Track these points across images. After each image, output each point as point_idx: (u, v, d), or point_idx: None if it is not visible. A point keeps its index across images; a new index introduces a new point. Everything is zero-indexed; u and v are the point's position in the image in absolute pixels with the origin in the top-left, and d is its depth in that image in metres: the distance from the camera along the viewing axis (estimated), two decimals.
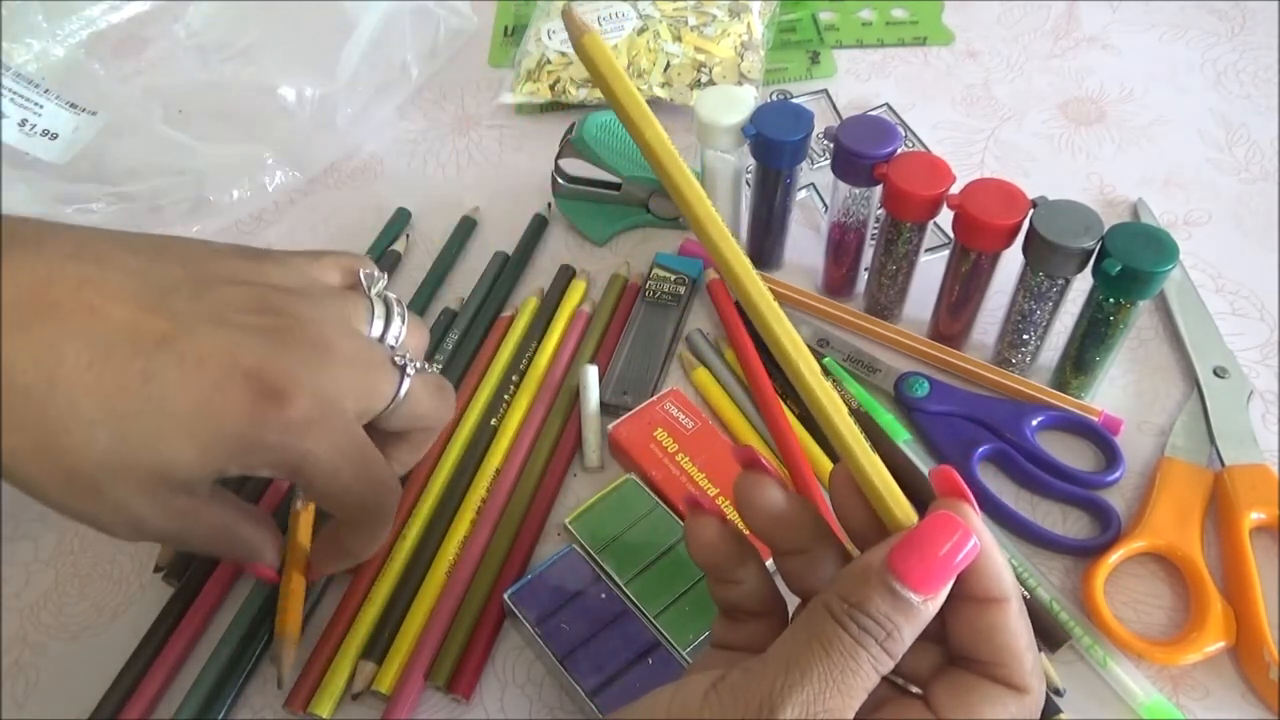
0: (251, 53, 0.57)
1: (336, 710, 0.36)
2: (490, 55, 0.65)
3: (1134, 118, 0.57)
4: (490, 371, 0.46)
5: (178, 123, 0.53)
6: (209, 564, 0.40)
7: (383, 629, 0.37)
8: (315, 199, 0.57)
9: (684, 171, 0.27)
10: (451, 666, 0.36)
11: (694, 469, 0.40)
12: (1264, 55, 0.60)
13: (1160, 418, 0.43)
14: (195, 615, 0.38)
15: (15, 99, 0.50)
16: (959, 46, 0.62)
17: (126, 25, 0.62)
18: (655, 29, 0.59)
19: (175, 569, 0.40)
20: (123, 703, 0.36)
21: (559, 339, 0.47)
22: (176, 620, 0.38)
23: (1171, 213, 0.51)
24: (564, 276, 0.50)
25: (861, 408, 0.42)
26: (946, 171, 0.41)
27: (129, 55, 0.62)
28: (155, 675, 0.37)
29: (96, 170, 0.52)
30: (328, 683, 0.36)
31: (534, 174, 0.56)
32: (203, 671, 0.36)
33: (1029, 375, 0.44)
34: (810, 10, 0.65)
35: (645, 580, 0.37)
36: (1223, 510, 0.39)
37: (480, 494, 0.41)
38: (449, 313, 0.49)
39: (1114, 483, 0.40)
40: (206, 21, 0.59)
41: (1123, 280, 0.37)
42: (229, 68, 0.57)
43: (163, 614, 0.38)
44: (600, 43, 0.27)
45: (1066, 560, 0.39)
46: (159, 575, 0.40)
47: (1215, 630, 0.35)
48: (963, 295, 0.43)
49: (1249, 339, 0.45)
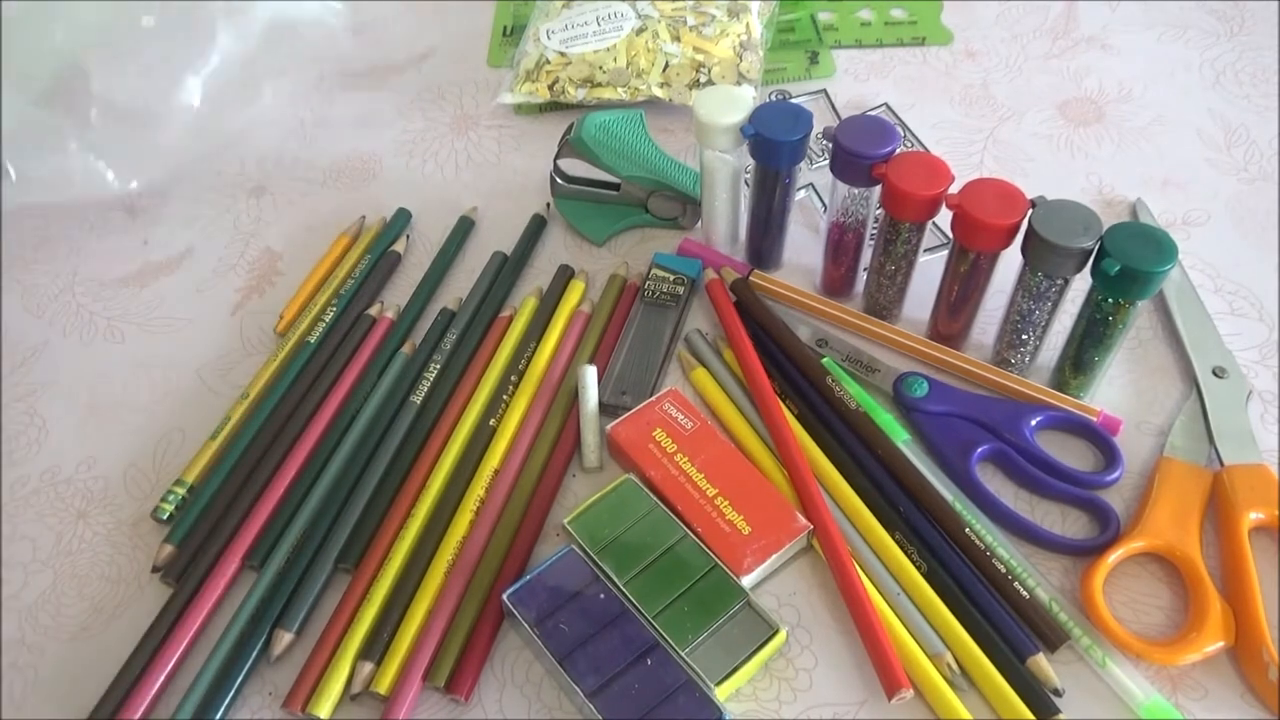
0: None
1: (335, 711, 0.36)
2: (489, 55, 0.65)
3: (1133, 118, 0.57)
4: (489, 371, 0.46)
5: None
6: (207, 564, 0.40)
7: (381, 629, 0.37)
8: (314, 196, 0.57)
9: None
10: (450, 667, 0.36)
11: (693, 469, 0.40)
12: (1263, 55, 0.60)
13: (1159, 418, 0.43)
14: (193, 615, 0.38)
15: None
16: (958, 46, 0.62)
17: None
18: (654, 29, 0.59)
19: (173, 569, 0.40)
20: (122, 702, 0.36)
21: (558, 339, 0.47)
22: (175, 620, 0.38)
23: (1170, 213, 0.51)
24: (563, 276, 0.50)
25: (860, 408, 0.42)
26: (945, 171, 0.41)
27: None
28: (154, 674, 0.37)
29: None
30: (326, 683, 0.36)
31: (533, 174, 0.56)
32: (201, 671, 0.37)
33: (1028, 375, 0.44)
34: (809, 10, 0.65)
35: (644, 581, 0.37)
36: (1222, 510, 0.39)
37: (478, 494, 0.41)
38: (447, 313, 0.49)
39: (1113, 483, 0.40)
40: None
41: (1122, 280, 0.37)
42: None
43: (161, 614, 0.39)
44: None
45: (1065, 560, 0.39)
46: (157, 575, 0.40)
47: (1214, 630, 0.35)
48: (961, 295, 0.43)
49: (1248, 339, 0.45)
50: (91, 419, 0.47)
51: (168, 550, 0.41)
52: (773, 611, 0.37)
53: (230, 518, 0.41)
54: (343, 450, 0.43)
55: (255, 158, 0.59)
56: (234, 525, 0.41)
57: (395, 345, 0.47)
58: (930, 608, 0.37)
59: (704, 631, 0.36)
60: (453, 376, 0.46)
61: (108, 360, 0.49)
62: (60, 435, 0.46)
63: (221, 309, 0.51)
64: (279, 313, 0.50)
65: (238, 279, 0.53)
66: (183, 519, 0.41)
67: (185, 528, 0.41)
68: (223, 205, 0.57)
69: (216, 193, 0.58)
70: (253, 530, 0.41)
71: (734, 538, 0.38)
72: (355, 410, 0.45)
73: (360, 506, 0.41)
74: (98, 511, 0.43)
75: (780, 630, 0.36)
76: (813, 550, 0.39)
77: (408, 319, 0.49)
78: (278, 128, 0.61)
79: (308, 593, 0.39)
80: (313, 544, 0.40)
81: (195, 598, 0.39)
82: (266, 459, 0.43)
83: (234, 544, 0.40)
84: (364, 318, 0.49)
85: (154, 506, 0.42)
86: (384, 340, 0.48)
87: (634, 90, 0.58)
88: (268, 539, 0.40)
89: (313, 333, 0.48)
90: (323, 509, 0.41)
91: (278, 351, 0.47)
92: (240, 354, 0.49)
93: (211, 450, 0.44)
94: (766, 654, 0.36)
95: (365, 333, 0.48)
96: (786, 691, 0.36)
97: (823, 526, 0.38)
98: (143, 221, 0.56)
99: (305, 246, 0.54)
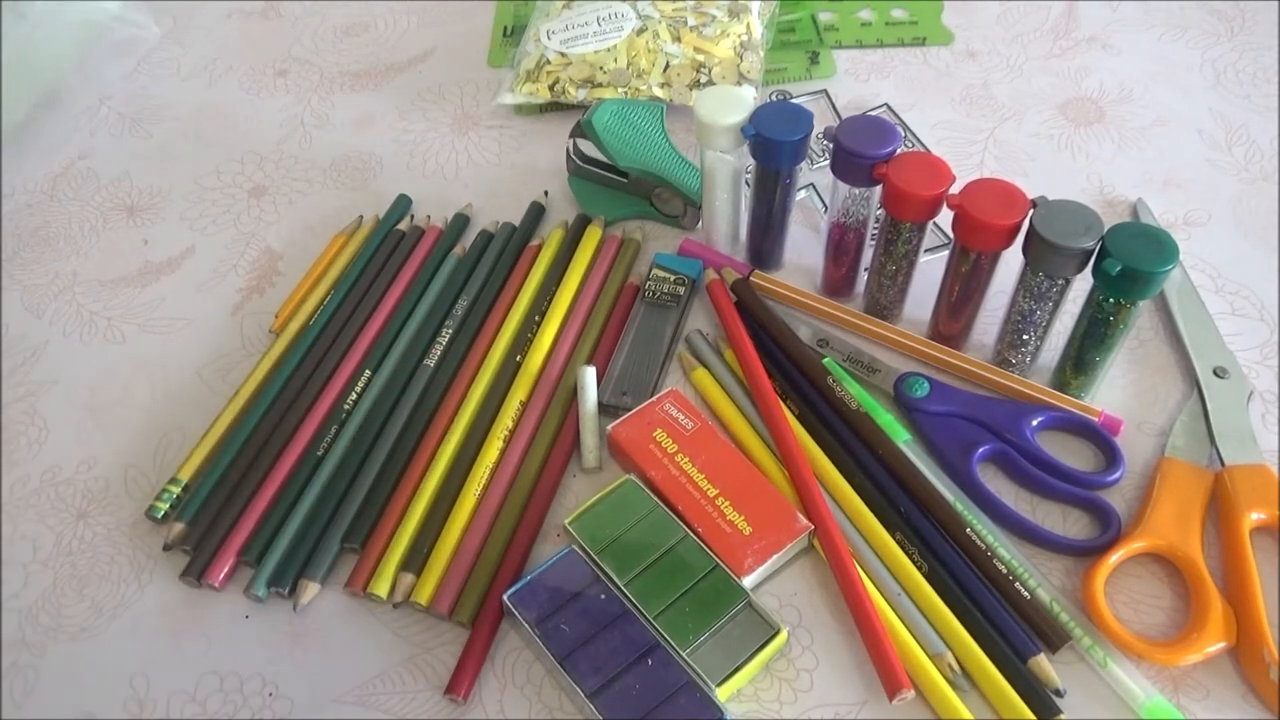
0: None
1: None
2: (490, 56, 0.65)
3: (1133, 118, 0.57)
4: (516, 304, 0.48)
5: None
6: (208, 554, 0.40)
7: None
8: (315, 198, 0.57)
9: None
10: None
11: (694, 470, 0.40)
12: (1263, 55, 0.60)
13: (1160, 418, 0.43)
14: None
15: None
16: (958, 47, 0.62)
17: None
18: (655, 29, 0.59)
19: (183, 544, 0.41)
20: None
21: (583, 272, 0.50)
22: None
23: (1171, 213, 0.51)
24: (581, 222, 0.52)
25: (861, 408, 0.42)
26: (946, 172, 0.40)
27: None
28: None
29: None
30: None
31: (533, 174, 0.56)
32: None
33: (1029, 375, 0.44)
34: (810, 10, 0.65)
35: (645, 581, 0.37)
36: (1223, 510, 0.39)
37: (474, 493, 0.41)
38: (485, 234, 0.52)
39: (1114, 483, 0.40)
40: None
41: (1123, 280, 0.37)
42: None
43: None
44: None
45: (1067, 561, 0.39)
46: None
47: (1216, 631, 0.35)
48: (962, 295, 0.43)
49: (1249, 339, 0.45)
50: (92, 419, 0.47)
51: (178, 529, 0.41)
52: (774, 612, 0.37)
53: (231, 507, 0.41)
54: (345, 434, 0.44)
55: (255, 158, 0.59)
56: (233, 517, 0.41)
57: (392, 334, 0.48)
58: (931, 608, 0.37)
59: (705, 632, 0.36)
60: (468, 336, 0.47)
61: (108, 360, 0.49)
62: (60, 435, 0.46)
63: (222, 309, 0.51)
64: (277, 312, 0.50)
65: (238, 279, 0.53)
66: (188, 504, 0.42)
67: (191, 512, 0.41)
68: (223, 205, 0.57)
69: (217, 192, 0.58)
70: (253, 519, 0.41)
71: (735, 538, 0.38)
72: (368, 376, 0.46)
73: (362, 493, 0.41)
74: (98, 511, 0.43)
75: (781, 630, 0.36)
76: (814, 550, 0.39)
77: (405, 308, 0.49)
78: (278, 128, 0.61)
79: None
80: (315, 529, 0.40)
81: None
82: (267, 449, 0.43)
83: (234, 534, 0.41)
84: (364, 302, 0.49)
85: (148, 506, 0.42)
86: (401, 301, 0.49)
87: (634, 91, 0.58)
88: (268, 527, 0.41)
89: (312, 320, 0.49)
90: (324, 496, 0.42)
91: (276, 343, 0.48)
92: (241, 354, 0.49)
93: (210, 444, 0.44)
94: (767, 654, 0.36)
95: (370, 313, 0.49)
96: (787, 692, 0.36)
97: (823, 527, 0.38)
98: (142, 221, 0.56)
99: (305, 246, 0.54)
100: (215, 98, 0.64)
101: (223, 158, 0.60)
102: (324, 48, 0.67)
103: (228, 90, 0.64)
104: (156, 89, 0.65)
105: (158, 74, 0.66)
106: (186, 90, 0.65)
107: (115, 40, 0.65)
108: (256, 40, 0.68)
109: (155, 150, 0.61)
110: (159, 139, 0.61)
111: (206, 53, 0.67)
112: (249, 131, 0.61)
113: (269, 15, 0.70)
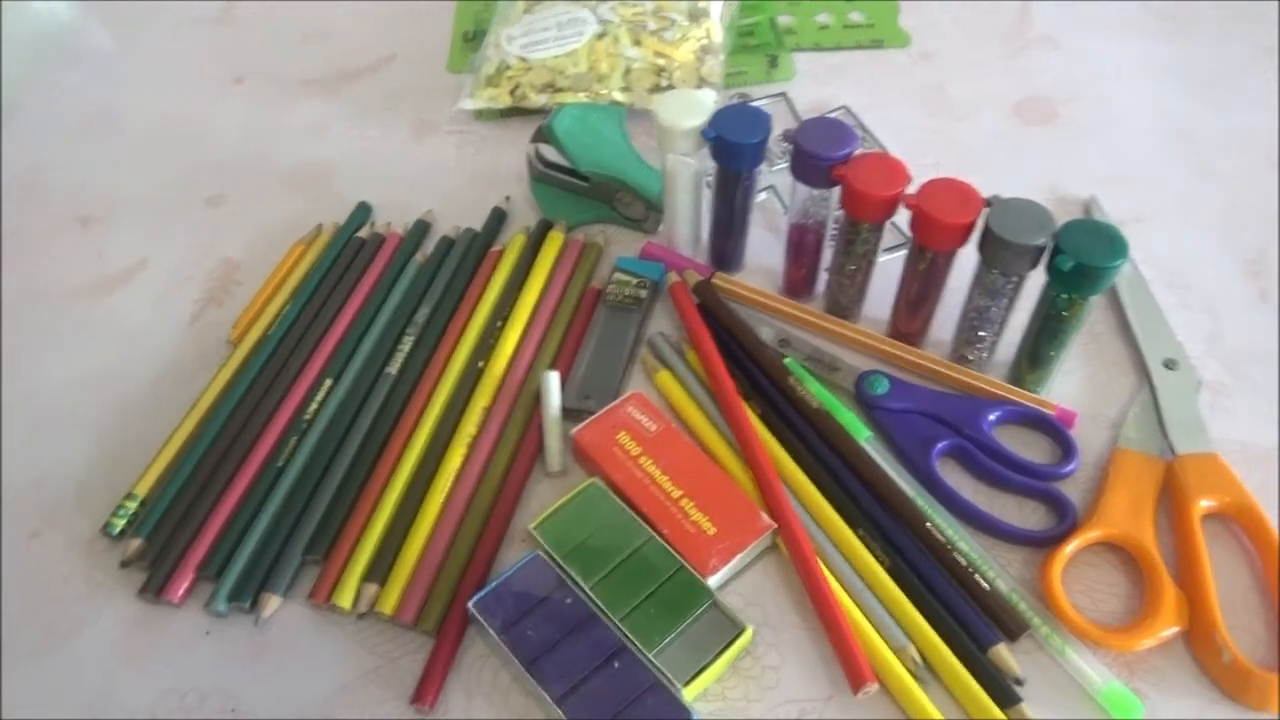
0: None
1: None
2: (450, 61, 0.65)
3: (1085, 116, 0.58)
4: (479, 310, 0.48)
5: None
6: (169, 567, 0.39)
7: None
8: (274, 207, 0.56)
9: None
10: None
11: (657, 471, 0.40)
12: (1209, 54, 0.61)
13: (1113, 410, 0.44)
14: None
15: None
16: (915, 49, 0.63)
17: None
18: (615, 34, 0.59)
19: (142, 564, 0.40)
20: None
21: (545, 277, 0.49)
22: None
23: (1122, 209, 0.52)
24: (543, 227, 0.52)
25: (823, 407, 0.43)
26: (902, 172, 0.41)
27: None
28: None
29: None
30: None
31: (495, 179, 0.56)
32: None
33: (986, 371, 0.45)
34: (769, 14, 0.66)
35: (610, 584, 0.37)
36: (1174, 499, 0.40)
37: (438, 500, 0.41)
38: (446, 241, 0.51)
39: (1069, 474, 0.41)
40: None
41: (1075, 276, 0.38)
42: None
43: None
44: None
45: (1025, 551, 0.40)
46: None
47: (1169, 616, 0.36)
48: (920, 294, 0.44)
49: (1197, 331, 0.46)
50: (44, 434, 0.46)
51: (136, 547, 0.40)
52: (739, 610, 0.37)
53: (189, 522, 0.41)
54: (307, 444, 0.43)
55: (212, 166, 0.59)
56: (194, 529, 0.41)
57: (353, 342, 0.47)
58: (893, 602, 0.37)
59: (671, 632, 0.36)
60: (430, 343, 0.47)
61: (62, 373, 0.48)
62: (11, 451, 0.45)
63: (179, 319, 0.50)
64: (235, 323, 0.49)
65: (195, 289, 0.52)
66: (145, 520, 0.41)
67: (149, 528, 0.41)
68: (179, 214, 0.56)
69: (173, 202, 0.57)
70: (211, 533, 0.41)
71: (699, 539, 0.38)
72: (329, 385, 0.45)
73: (324, 504, 0.41)
74: (51, 530, 0.42)
75: (746, 629, 0.36)
76: (778, 549, 0.40)
77: (366, 316, 0.48)
78: (235, 136, 0.60)
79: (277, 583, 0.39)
80: (276, 542, 0.40)
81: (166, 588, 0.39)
82: (226, 461, 0.43)
83: (193, 549, 0.40)
84: (324, 310, 0.49)
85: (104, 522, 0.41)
86: (362, 309, 0.49)
87: (595, 95, 0.58)
88: (228, 541, 0.40)
89: (271, 329, 0.48)
90: (285, 507, 0.41)
91: (235, 354, 0.47)
92: (198, 365, 0.48)
93: (168, 457, 0.43)
94: (733, 653, 0.36)
95: (330, 322, 0.48)
96: (754, 689, 0.36)
97: (787, 525, 0.39)
98: (96, 232, 0.55)
99: (263, 256, 0.53)
100: (170, 106, 0.63)
101: (179, 167, 0.59)
102: (281, 54, 0.66)
103: (183, 98, 0.63)
104: (110, 97, 0.64)
105: (111, 82, 0.65)
106: (141, 98, 0.64)
107: (67, 48, 0.64)
108: (212, 47, 0.67)
109: (109, 160, 0.60)
110: (112, 148, 0.60)
111: (161, 60, 0.66)
112: (205, 140, 0.60)
113: (225, 21, 0.69)
